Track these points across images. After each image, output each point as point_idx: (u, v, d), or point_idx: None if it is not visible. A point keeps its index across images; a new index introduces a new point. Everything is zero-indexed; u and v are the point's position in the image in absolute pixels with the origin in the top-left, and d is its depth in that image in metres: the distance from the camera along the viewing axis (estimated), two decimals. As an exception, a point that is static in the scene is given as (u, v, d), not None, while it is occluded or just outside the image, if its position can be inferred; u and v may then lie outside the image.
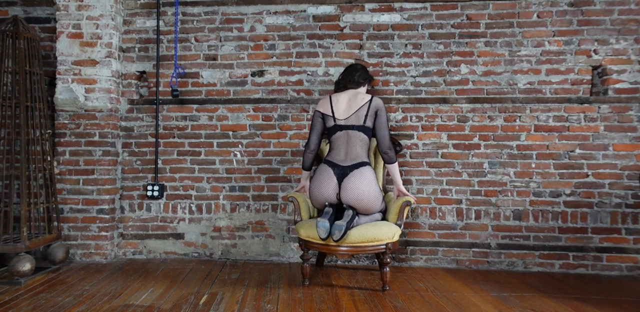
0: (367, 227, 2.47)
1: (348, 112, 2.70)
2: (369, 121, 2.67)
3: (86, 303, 2.26)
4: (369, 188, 2.53)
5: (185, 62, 3.29)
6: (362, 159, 2.63)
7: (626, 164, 3.04)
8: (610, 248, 3.01)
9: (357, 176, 2.56)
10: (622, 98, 3.04)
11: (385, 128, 2.68)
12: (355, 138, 2.66)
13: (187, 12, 3.29)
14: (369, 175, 2.58)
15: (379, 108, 2.69)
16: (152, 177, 3.27)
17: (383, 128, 2.68)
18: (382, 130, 2.68)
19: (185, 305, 2.25)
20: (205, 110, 3.27)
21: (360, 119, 2.67)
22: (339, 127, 2.70)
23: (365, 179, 2.54)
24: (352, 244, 2.45)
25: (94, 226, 3.12)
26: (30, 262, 2.63)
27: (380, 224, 2.54)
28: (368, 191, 2.53)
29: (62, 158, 3.14)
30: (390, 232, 2.50)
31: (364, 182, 2.53)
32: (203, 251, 3.24)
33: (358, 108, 2.68)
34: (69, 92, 3.13)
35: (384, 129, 2.68)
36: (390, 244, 2.50)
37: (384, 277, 2.52)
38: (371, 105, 2.68)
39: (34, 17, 3.32)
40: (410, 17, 3.20)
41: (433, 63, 3.18)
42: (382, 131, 2.68)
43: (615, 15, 3.07)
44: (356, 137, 2.66)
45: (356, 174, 2.56)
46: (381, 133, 2.68)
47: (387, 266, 2.52)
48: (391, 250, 2.51)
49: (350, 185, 2.54)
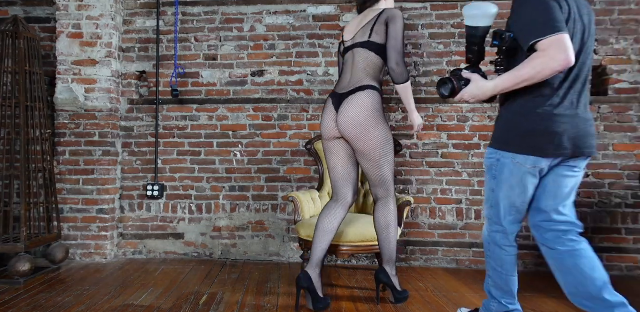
0: (368, 227, 2.47)
1: (355, 30, 2.26)
2: (375, 35, 2.17)
3: (86, 303, 2.26)
4: (359, 115, 2.10)
5: (185, 62, 3.29)
6: (363, 82, 2.16)
7: (626, 164, 3.04)
8: (610, 248, 3.01)
9: (350, 103, 2.13)
10: (622, 98, 3.04)
11: (396, 38, 2.13)
12: (359, 58, 2.21)
13: (187, 12, 3.29)
14: (364, 100, 2.11)
15: (390, 16, 2.15)
16: (152, 177, 3.27)
17: (393, 38, 2.13)
18: (392, 41, 2.13)
19: (185, 305, 2.25)
20: (205, 110, 3.27)
21: (365, 34, 2.20)
22: (346, 49, 2.30)
23: (356, 105, 2.11)
24: (352, 244, 2.45)
25: (94, 226, 3.11)
26: (30, 262, 2.63)
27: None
28: (357, 117, 2.10)
29: (62, 158, 3.14)
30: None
31: (354, 110, 2.11)
32: (203, 251, 3.24)
33: (366, 23, 2.22)
34: (69, 92, 3.13)
35: (394, 40, 2.13)
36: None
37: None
38: (381, 16, 2.17)
39: (34, 17, 3.32)
40: (410, 17, 3.20)
41: (433, 63, 3.18)
42: (392, 41, 2.14)
43: (615, 15, 3.07)
44: (360, 56, 2.20)
45: (349, 100, 2.14)
46: (391, 43, 2.14)
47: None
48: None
49: (341, 115, 2.15)
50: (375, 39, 2.17)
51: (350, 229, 2.45)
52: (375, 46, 2.17)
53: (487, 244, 1.86)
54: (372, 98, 2.13)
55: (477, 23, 1.73)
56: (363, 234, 2.44)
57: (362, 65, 2.19)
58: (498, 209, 1.78)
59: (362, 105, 2.11)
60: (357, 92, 2.14)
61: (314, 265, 2.19)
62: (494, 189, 1.78)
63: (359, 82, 2.17)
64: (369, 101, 2.12)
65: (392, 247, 2.25)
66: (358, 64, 2.20)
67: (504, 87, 1.63)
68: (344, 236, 2.42)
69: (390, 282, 2.26)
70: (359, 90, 2.14)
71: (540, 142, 1.62)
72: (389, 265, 2.27)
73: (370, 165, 2.18)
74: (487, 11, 1.69)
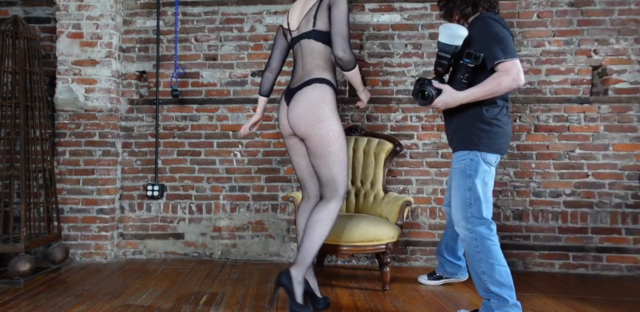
0: (368, 227, 2.47)
1: (299, 19, 2.10)
2: (319, 23, 2.03)
3: (86, 303, 2.26)
4: (306, 110, 1.99)
5: (185, 62, 3.29)
6: (312, 75, 2.04)
7: (626, 164, 3.04)
8: (610, 248, 3.01)
9: (297, 98, 2.03)
10: (622, 98, 3.04)
11: (339, 23, 1.98)
12: (307, 49, 2.07)
13: (187, 12, 3.29)
14: (311, 94, 2.00)
15: (334, 1, 2.00)
16: (152, 177, 3.27)
17: (337, 23, 1.98)
18: (335, 26, 1.98)
19: (185, 305, 2.25)
20: (205, 110, 3.27)
21: (309, 23, 2.06)
22: (293, 40, 2.15)
23: (303, 100, 2.01)
24: (352, 244, 2.45)
25: (94, 226, 3.11)
26: (30, 262, 2.63)
27: (381, 224, 2.53)
28: (304, 113, 1.99)
29: (62, 158, 3.14)
30: (390, 232, 2.49)
31: (301, 105, 2.01)
32: (203, 251, 3.24)
33: (308, 10, 2.07)
34: (69, 92, 3.13)
35: (338, 24, 1.98)
36: (391, 244, 2.50)
37: (384, 278, 2.52)
38: (323, 0, 2.03)
39: (34, 17, 3.32)
40: (410, 17, 3.20)
41: (433, 63, 3.18)
42: (335, 27, 1.98)
43: (615, 15, 3.07)
44: (307, 47, 2.07)
45: (297, 95, 2.03)
46: (334, 29, 1.99)
47: (387, 266, 2.51)
48: (391, 250, 2.50)
49: (290, 111, 2.06)
50: (319, 26, 2.03)
51: (350, 229, 2.46)
52: (321, 35, 2.04)
53: (474, 241, 1.99)
54: (321, 91, 2.01)
55: (452, 42, 1.94)
56: (363, 234, 2.45)
57: (310, 57, 2.07)
58: (478, 204, 1.98)
59: (309, 99, 2.00)
60: (305, 86, 2.03)
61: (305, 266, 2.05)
62: (470, 188, 1.99)
63: (308, 76, 2.06)
64: (315, 94, 2.00)
65: (311, 249, 2.01)
66: (306, 56, 2.08)
67: (472, 97, 1.92)
68: (343, 235, 2.43)
69: (291, 288, 1.98)
70: (307, 84, 2.03)
71: (501, 143, 2.00)
72: (297, 268, 2.00)
73: (318, 163, 2.04)
74: (462, 33, 1.92)
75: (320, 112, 1.99)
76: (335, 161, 2.02)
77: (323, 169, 2.04)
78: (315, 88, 2.01)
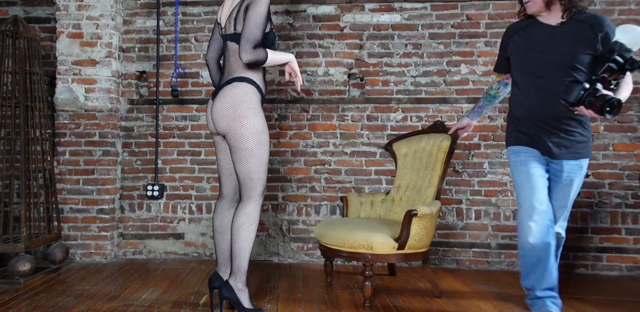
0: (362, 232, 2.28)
1: (226, 18, 2.09)
2: (239, 25, 2.00)
3: (86, 303, 2.26)
4: (225, 107, 2.01)
5: (185, 62, 3.29)
6: (234, 75, 2.06)
7: (626, 164, 3.04)
8: (610, 248, 3.01)
9: (219, 96, 2.05)
10: (622, 98, 3.04)
11: (249, 26, 1.94)
12: (230, 50, 2.08)
13: (187, 12, 3.29)
14: (231, 91, 2.01)
15: (252, 1, 1.97)
16: (152, 177, 3.27)
17: (246, 25, 1.94)
18: (245, 28, 1.94)
19: (185, 305, 2.25)
20: (205, 110, 3.26)
21: (231, 25, 2.05)
22: (222, 38, 2.14)
23: (223, 98, 2.02)
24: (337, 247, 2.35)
25: (94, 226, 3.11)
26: (30, 262, 2.63)
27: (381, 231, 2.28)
28: (224, 110, 2.01)
29: (62, 158, 3.14)
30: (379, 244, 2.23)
31: (221, 102, 2.02)
32: (203, 251, 3.24)
33: (231, 10, 2.06)
34: (69, 92, 3.13)
35: (247, 27, 1.94)
36: (370, 256, 2.24)
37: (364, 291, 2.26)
38: (246, 1, 2.00)
39: (34, 17, 3.32)
40: (410, 17, 3.20)
41: (433, 63, 3.18)
42: (244, 29, 1.95)
43: (615, 15, 3.07)
44: (230, 48, 2.07)
45: (219, 94, 2.05)
46: (243, 31, 1.95)
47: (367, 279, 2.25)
48: (369, 262, 2.24)
49: (212, 109, 2.07)
50: (239, 29, 2.00)
51: (348, 231, 2.32)
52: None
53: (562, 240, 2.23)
54: (240, 89, 2.02)
55: (634, 48, 1.82)
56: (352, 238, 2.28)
57: (232, 58, 2.07)
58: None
59: (229, 97, 2.01)
60: (226, 85, 2.05)
61: (222, 265, 2.16)
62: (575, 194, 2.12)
63: (230, 75, 2.08)
64: (235, 93, 2.02)
65: (241, 255, 1.99)
66: (229, 57, 2.09)
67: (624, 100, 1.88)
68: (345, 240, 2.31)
69: (235, 298, 1.98)
70: (228, 83, 2.05)
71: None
72: (235, 276, 2.00)
73: (236, 158, 2.04)
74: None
75: (240, 109, 2.00)
76: (252, 156, 2.01)
77: (239, 165, 2.03)
78: (235, 87, 2.02)
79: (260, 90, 2.08)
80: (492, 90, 2.31)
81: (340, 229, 2.37)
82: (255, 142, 2.01)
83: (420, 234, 2.30)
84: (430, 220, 2.35)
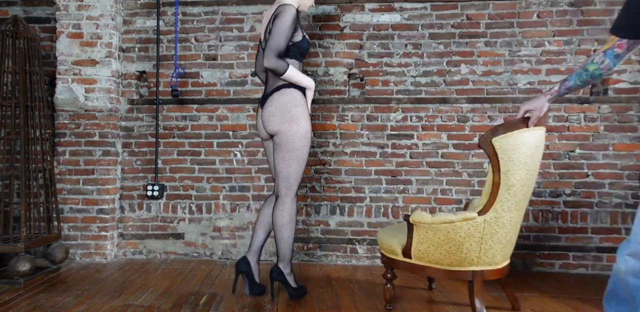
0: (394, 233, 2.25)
1: (264, 30, 2.31)
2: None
3: (86, 303, 2.26)
4: (275, 111, 2.22)
5: (185, 62, 3.29)
6: (279, 83, 2.27)
7: (626, 164, 3.04)
8: (610, 248, 3.01)
9: (268, 102, 2.26)
10: (622, 98, 3.04)
11: (274, 35, 2.14)
12: None
13: (187, 12, 3.29)
14: (280, 97, 2.23)
15: (278, 13, 2.18)
16: (152, 177, 3.27)
17: (272, 34, 2.15)
18: (270, 37, 2.16)
19: (185, 305, 2.25)
20: (205, 110, 3.27)
21: (266, 36, 2.26)
22: (262, 50, 2.36)
23: (273, 102, 2.24)
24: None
25: (94, 226, 3.12)
26: (30, 262, 2.63)
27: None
28: (274, 112, 2.22)
29: (62, 158, 3.14)
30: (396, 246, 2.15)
31: (271, 106, 2.24)
32: (203, 251, 3.24)
33: (267, 22, 2.29)
34: (69, 92, 3.13)
35: (272, 36, 2.15)
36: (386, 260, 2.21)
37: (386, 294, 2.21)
38: (274, 12, 2.22)
39: (34, 17, 3.32)
40: (410, 17, 3.20)
41: (433, 63, 3.18)
42: (270, 38, 2.16)
43: (615, 15, 3.06)
44: None
45: (269, 99, 2.27)
46: (269, 39, 2.17)
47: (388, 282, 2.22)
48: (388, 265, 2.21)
49: (263, 112, 2.28)
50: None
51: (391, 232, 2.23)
52: None
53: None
54: (287, 95, 2.23)
55: None
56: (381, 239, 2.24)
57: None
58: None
59: (278, 101, 2.23)
60: (274, 92, 2.26)
61: (252, 252, 2.38)
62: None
63: (277, 83, 2.28)
64: (283, 98, 2.23)
65: (286, 247, 2.30)
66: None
67: None
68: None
69: (283, 279, 2.32)
70: (276, 90, 2.26)
71: None
72: (282, 263, 2.32)
73: (279, 157, 2.25)
74: None
75: (289, 112, 2.22)
76: (294, 157, 2.23)
77: (282, 164, 2.24)
78: (283, 93, 2.24)
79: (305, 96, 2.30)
80: (591, 65, 1.65)
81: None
82: (299, 144, 2.22)
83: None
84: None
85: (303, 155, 2.24)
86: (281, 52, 2.16)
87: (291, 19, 2.16)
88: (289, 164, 2.23)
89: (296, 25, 2.22)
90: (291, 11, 2.17)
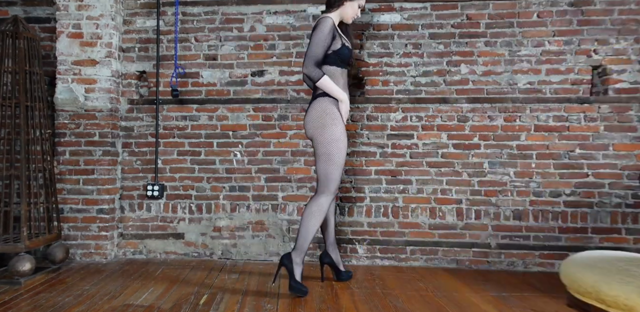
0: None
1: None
2: None
3: (86, 303, 2.26)
4: (311, 117, 2.47)
5: (185, 62, 3.29)
6: (317, 91, 2.53)
7: (626, 164, 3.04)
8: (610, 248, 3.00)
9: (308, 109, 2.52)
10: (622, 98, 3.04)
11: (310, 44, 2.40)
12: None
13: (187, 12, 3.29)
14: (315, 105, 2.48)
15: (316, 24, 2.44)
16: (152, 177, 3.27)
17: (309, 45, 2.41)
18: (307, 49, 2.42)
19: (185, 305, 2.25)
20: (205, 110, 3.27)
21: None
22: None
23: (310, 110, 2.49)
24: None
25: (94, 226, 3.12)
26: (30, 262, 2.63)
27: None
28: (309, 119, 2.48)
29: (62, 158, 3.14)
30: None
31: (309, 114, 2.49)
32: (203, 251, 3.24)
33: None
34: (69, 92, 3.13)
35: (309, 46, 2.40)
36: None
37: None
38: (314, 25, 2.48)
39: (34, 17, 3.32)
40: (410, 17, 3.20)
41: (433, 63, 3.18)
42: (308, 47, 2.42)
43: (615, 15, 3.07)
44: None
45: (308, 108, 2.53)
46: (306, 52, 2.43)
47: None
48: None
49: (304, 119, 2.54)
50: None
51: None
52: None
53: None
54: (321, 103, 2.46)
55: None
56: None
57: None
58: None
59: (313, 109, 2.48)
60: (313, 100, 2.52)
61: (330, 246, 2.67)
62: None
63: (315, 92, 2.53)
64: (317, 106, 2.47)
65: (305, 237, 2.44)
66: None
67: None
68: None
69: (290, 267, 2.42)
70: (314, 98, 2.52)
71: None
72: (296, 252, 2.45)
73: (316, 159, 2.48)
74: None
75: (321, 120, 2.44)
76: (329, 159, 2.44)
77: (320, 164, 2.47)
78: (317, 101, 2.48)
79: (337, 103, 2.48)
80: None
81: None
82: (333, 148, 2.43)
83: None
84: None
85: (336, 158, 2.43)
86: (318, 61, 2.40)
87: (327, 30, 2.39)
88: (324, 167, 2.45)
89: (334, 34, 2.44)
90: (327, 22, 2.40)
